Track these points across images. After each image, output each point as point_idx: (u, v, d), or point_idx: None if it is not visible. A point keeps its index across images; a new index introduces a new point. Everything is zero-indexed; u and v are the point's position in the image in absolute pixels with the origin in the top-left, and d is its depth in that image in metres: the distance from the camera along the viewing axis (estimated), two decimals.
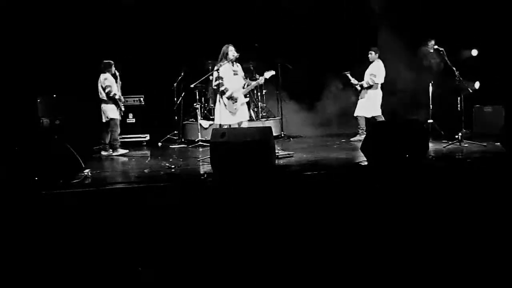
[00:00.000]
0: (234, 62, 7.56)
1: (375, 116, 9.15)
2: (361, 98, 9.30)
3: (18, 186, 5.10)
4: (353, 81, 9.37)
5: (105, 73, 8.29)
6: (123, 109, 8.50)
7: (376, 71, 9.13)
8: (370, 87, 9.15)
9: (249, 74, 9.11)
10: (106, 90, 8.24)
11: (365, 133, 9.10)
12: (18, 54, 8.87)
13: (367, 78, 9.18)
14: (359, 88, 9.33)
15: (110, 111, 8.33)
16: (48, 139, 7.13)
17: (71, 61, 9.24)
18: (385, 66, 9.15)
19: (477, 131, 9.40)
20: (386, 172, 5.86)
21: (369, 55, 9.22)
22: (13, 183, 5.18)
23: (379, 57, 9.20)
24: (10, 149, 5.55)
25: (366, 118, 9.26)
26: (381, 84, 9.17)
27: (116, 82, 8.41)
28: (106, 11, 9.49)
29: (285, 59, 10.20)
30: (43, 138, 8.34)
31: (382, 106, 9.30)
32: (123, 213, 4.84)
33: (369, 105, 9.19)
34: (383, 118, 9.13)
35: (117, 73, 8.44)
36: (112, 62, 8.41)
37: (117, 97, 8.31)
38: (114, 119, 8.35)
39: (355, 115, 9.38)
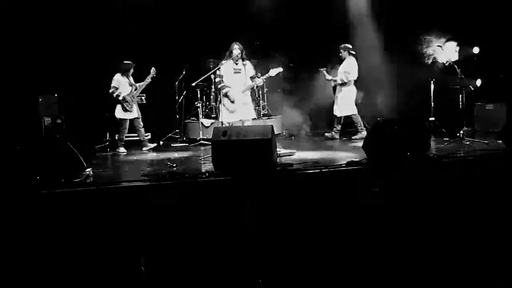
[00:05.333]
0: (240, 61, 7.63)
1: (351, 115, 9.26)
2: (336, 97, 9.39)
3: (19, 186, 5.10)
4: (328, 77, 9.47)
5: (120, 73, 8.62)
6: (129, 110, 8.59)
7: (349, 68, 9.20)
8: (343, 84, 9.23)
9: None
10: (110, 90, 8.51)
11: (363, 128, 9.22)
12: (19, 53, 8.86)
13: (341, 76, 9.27)
14: (333, 84, 9.44)
15: (117, 111, 8.60)
16: (50, 139, 7.13)
17: (73, 60, 9.22)
18: (384, 64, 9.16)
19: (478, 128, 9.38)
20: (387, 170, 5.85)
21: (340, 53, 9.32)
22: (15, 182, 5.18)
23: (350, 54, 9.26)
24: (12, 148, 5.55)
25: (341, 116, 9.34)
26: (354, 81, 9.26)
27: (132, 84, 8.67)
28: (108, 9, 9.47)
29: (286, 57, 10.21)
30: (44, 137, 8.36)
31: (384, 104, 9.35)
32: (125, 212, 4.84)
33: (343, 104, 9.27)
34: (358, 117, 9.24)
35: (151, 74, 8.62)
36: (129, 63, 8.68)
37: (120, 98, 8.49)
38: (121, 119, 8.59)
39: (338, 115, 9.40)
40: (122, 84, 8.60)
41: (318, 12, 10.53)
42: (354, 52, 9.30)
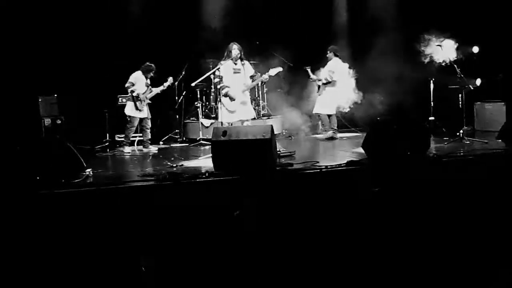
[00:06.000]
0: (239, 61, 7.64)
1: (329, 115, 9.32)
2: (319, 95, 9.45)
3: (19, 186, 5.10)
4: (312, 76, 9.55)
5: (139, 71, 8.65)
6: (140, 109, 8.59)
7: (334, 68, 9.28)
8: (327, 83, 9.28)
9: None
10: (126, 85, 8.53)
11: (330, 129, 9.31)
12: (19, 54, 8.86)
13: (326, 75, 9.36)
14: (318, 83, 9.49)
15: (127, 108, 8.61)
16: (50, 139, 7.12)
17: (73, 61, 9.23)
18: (384, 64, 9.18)
19: (478, 128, 9.39)
20: (387, 170, 5.85)
21: (327, 54, 9.43)
22: (15, 182, 5.18)
23: (336, 56, 9.35)
24: (12, 148, 5.55)
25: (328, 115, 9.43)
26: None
27: (148, 85, 8.69)
28: (108, 10, 9.47)
29: (287, 56, 10.21)
30: (44, 137, 8.36)
31: (383, 103, 9.36)
32: (125, 212, 4.84)
33: (324, 102, 9.35)
34: (334, 118, 9.35)
35: (168, 83, 8.74)
36: (151, 66, 8.68)
37: (134, 94, 8.50)
38: (130, 116, 8.59)
39: (313, 112, 9.52)
40: (139, 82, 8.61)
41: (319, 12, 10.55)
42: (339, 54, 9.39)
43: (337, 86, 9.32)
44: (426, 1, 9.73)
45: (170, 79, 8.78)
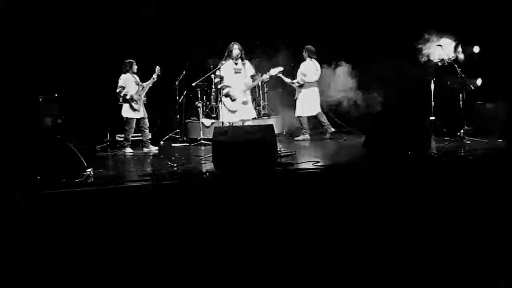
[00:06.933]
0: (239, 60, 7.63)
1: (316, 115, 9.32)
2: (297, 98, 9.44)
3: (19, 186, 5.11)
4: (286, 80, 9.51)
5: (124, 73, 8.63)
6: (137, 109, 8.58)
7: (306, 70, 9.25)
8: (302, 86, 9.29)
9: None
10: (117, 90, 8.53)
11: (308, 132, 9.31)
12: (20, 53, 8.87)
13: (298, 78, 9.34)
14: (294, 86, 9.46)
15: (123, 110, 8.60)
16: (50, 139, 7.14)
17: (73, 60, 9.24)
18: (384, 63, 9.17)
19: (479, 127, 9.37)
20: (388, 169, 5.85)
21: (303, 55, 9.41)
22: (15, 182, 5.19)
23: (310, 57, 9.30)
24: (12, 148, 5.56)
25: (308, 116, 9.42)
26: (317, 82, 9.32)
27: (138, 83, 8.67)
28: (108, 10, 9.48)
29: (287, 55, 10.21)
30: (45, 137, 8.37)
31: (384, 103, 9.36)
32: (125, 212, 4.85)
33: (304, 104, 9.32)
34: (323, 115, 9.32)
35: (156, 73, 8.64)
36: (131, 61, 8.67)
37: (127, 97, 8.49)
38: (128, 118, 8.60)
39: (295, 115, 9.49)
40: (129, 83, 8.60)
41: (318, 12, 10.55)
42: (314, 56, 9.32)
43: (313, 87, 9.29)
44: (427, 1, 9.72)
45: (158, 68, 8.67)
